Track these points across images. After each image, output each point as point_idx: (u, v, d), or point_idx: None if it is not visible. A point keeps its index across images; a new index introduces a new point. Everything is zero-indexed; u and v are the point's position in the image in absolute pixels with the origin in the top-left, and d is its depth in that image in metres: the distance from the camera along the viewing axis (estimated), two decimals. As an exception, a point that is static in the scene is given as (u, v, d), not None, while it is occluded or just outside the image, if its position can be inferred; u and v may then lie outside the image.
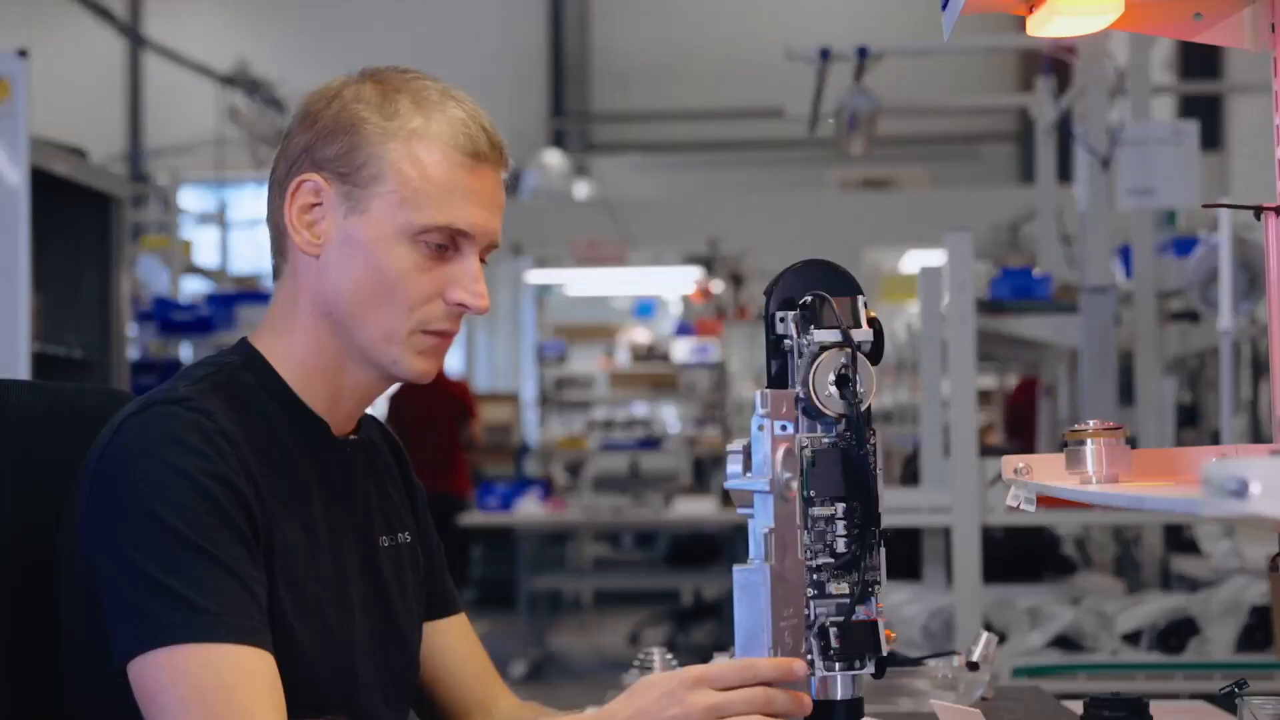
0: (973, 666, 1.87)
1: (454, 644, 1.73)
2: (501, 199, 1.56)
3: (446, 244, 1.52)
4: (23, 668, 1.51)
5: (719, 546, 8.62)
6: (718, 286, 10.67)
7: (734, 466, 1.38)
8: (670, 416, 11.30)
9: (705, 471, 10.40)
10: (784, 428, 1.37)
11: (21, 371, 3.97)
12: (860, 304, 1.44)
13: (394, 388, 1.67)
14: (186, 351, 7.07)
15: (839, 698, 1.38)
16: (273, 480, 1.48)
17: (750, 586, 1.36)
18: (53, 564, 1.48)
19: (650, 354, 10.80)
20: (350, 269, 1.51)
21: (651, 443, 10.36)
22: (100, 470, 1.43)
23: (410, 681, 1.65)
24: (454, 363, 12.54)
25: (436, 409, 8.56)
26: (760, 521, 1.37)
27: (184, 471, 1.40)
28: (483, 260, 1.56)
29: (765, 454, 1.37)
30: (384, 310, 1.51)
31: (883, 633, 1.40)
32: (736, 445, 1.38)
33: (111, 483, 1.42)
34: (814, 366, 1.40)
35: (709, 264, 10.62)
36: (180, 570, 1.37)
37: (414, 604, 1.65)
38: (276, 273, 1.58)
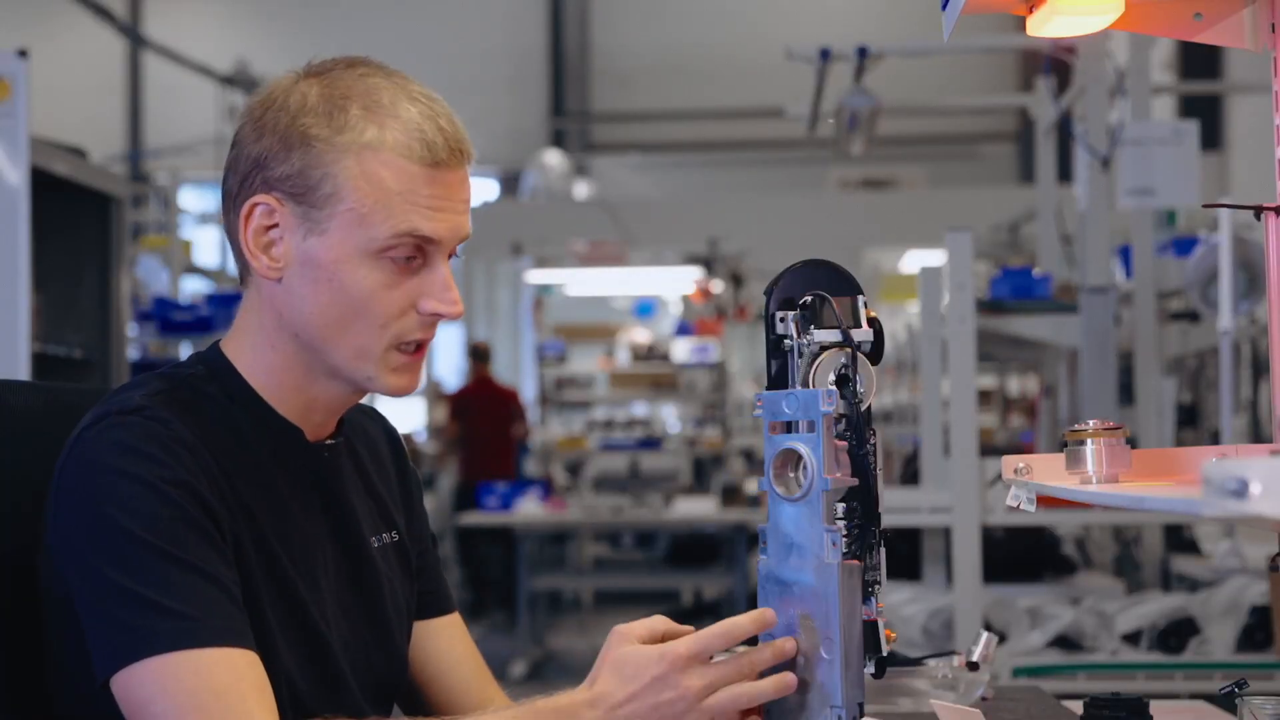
0: (973, 666, 1.87)
1: (448, 645, 1.72)
2: (466, 194, 1.50)
3: (413, 255, 1.47)
4: (20, 676, 1.50)
5: (719, 546, 8.62)
6: (718, 286, 10.67)
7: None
8: (670, 416, 11.31)
9: (705, 471, 10.41)
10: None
11: (21, 371, 3.96)
12: (860, 304, 1.43)
13: (456, 390, 1.65)
14: (187, 352, 7.07)
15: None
16: (240, 487, 1.46)
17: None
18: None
19: (650, 354, 10.80)
20: (315, 292, 1.47)
21: (651, 443, 10.36)
22: (61, 485, 1.42)
23: (396, 681, 1.64)
24: (455, 362, 12.55)
25: (494, 410, 9.64)
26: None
27: (144, 480, 1.38)
28: (453, 254, 1.51)
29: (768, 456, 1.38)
30: (354, 329, 1.47)
31: (883, 633, 1.40)
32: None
33: (74, 498, 1.40)
34: (814, 366, 1.40)
35: (709, 264, 10.62)
36: (154, 579, 1.35)
37: (402, 602, 1.64)
38: (242, 278, 1.54)
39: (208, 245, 10.29)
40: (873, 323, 1.43)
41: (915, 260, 10.26)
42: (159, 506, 1.38)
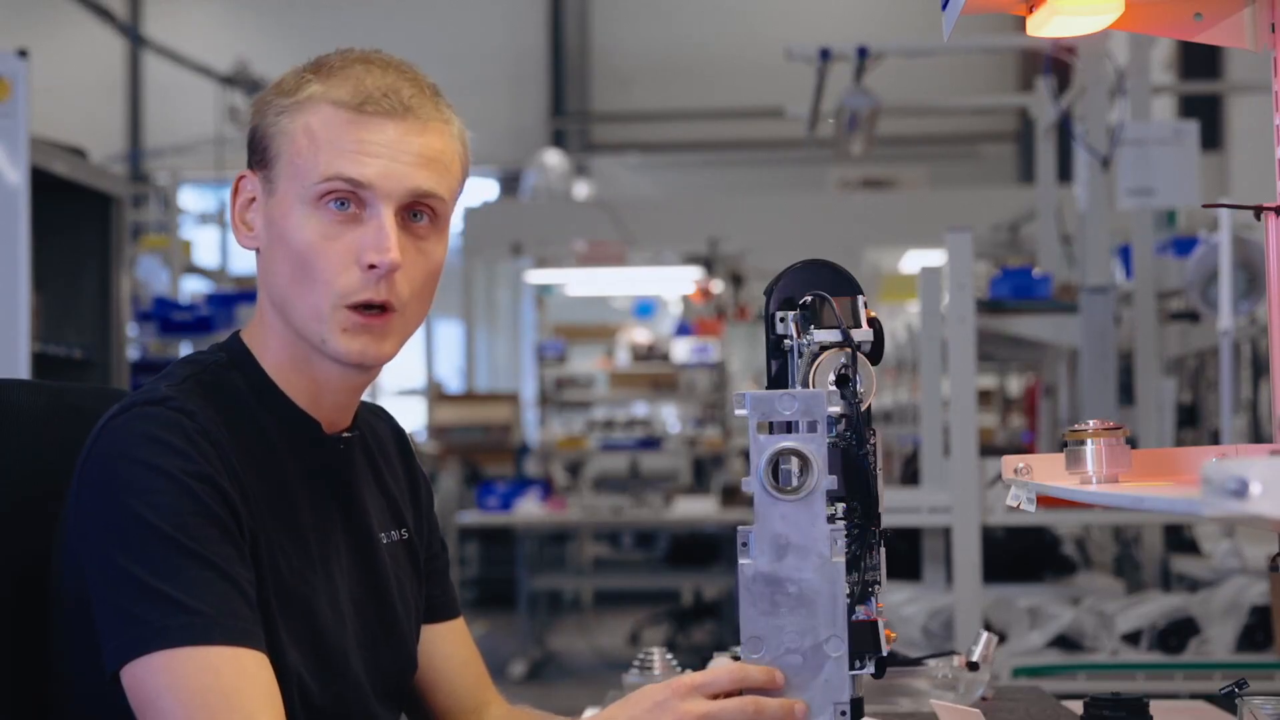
0: (973, 666, 1.87)
1: (451, 650, 1.72)
2: (416, 148, 1.48)
3: (348, 200, 1.46)
4: (23, 674, 1.50)
5: (719, 546, 8.62)
6: (718, 286, 10.66)
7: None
8: (670, 416, 11.29)
9: (705, 471, 10.40)
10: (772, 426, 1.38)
11: (21, 371, 3.96)
12: (860, 304, 1.43)
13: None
14: (187, 352, 7.05)
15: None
16: (258, 480, 1.46)
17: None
18: (49, 567, 1.48)
19: (650, 354, 10.79)
20: (276, 253, 1.49)
21: (651, 443, 10.35)
22: (85, 475, 1.42)
23: (405, 679, 1.64)
24: (455, 362, 12.55)
25: None
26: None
27: (168, 473, 1.38)
28: (416, 214, 1.49)
29: (753, 455, 1.37)
30: (306, 288, 1.47)
31: (883, 633, 1.40)
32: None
33: (96, 487, 1.40)
34: (814, 366, 1.40)
35: (709, 264, 10.61)
36: (171, 573, 1.35)
37: (411, 600, 1.64)
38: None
39: (208, 245, 10.29)
40: (873, 323, 1.43)
41: (915, 260, 10.26)
42: (180, 500, 1.38)
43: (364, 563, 1.58)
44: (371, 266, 1.46)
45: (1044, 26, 1.55)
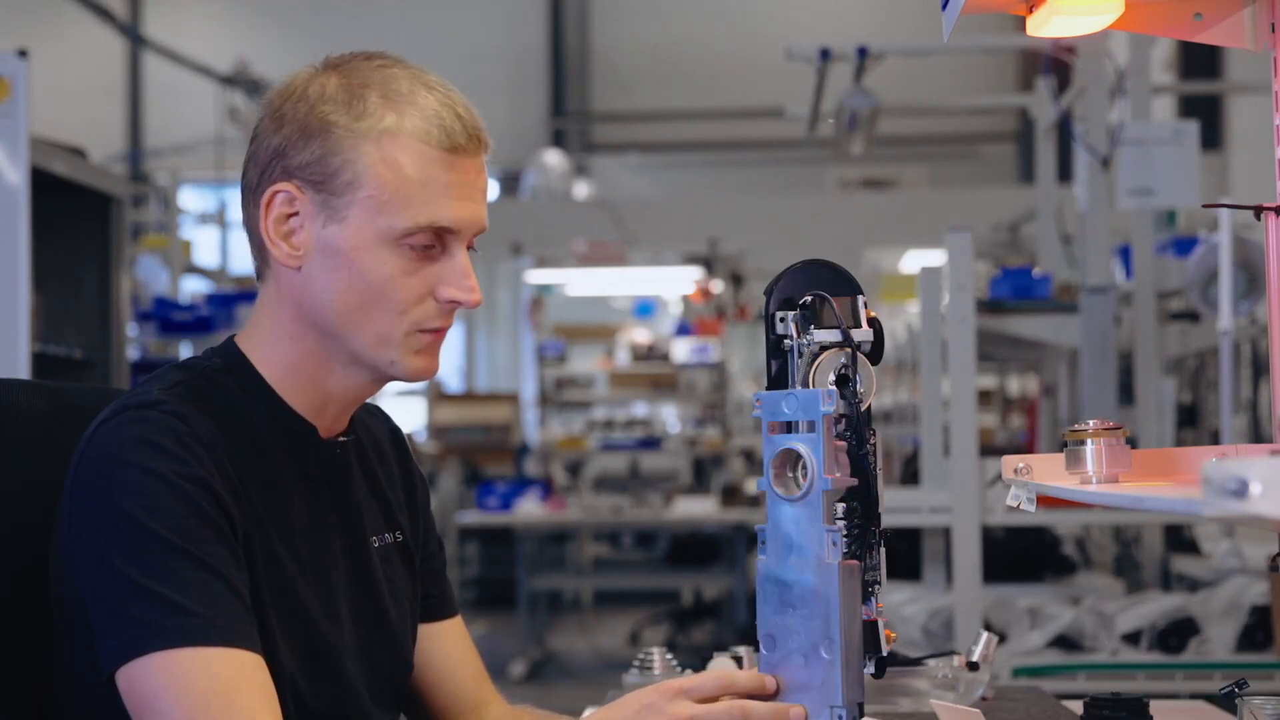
0: (973, 666, 1.87)
1: (449, 648, 1.72)
2: (484, 184, 1.52)
3: (432, 243, 1.48)
4: (22, 674, 1.50)
5: (719, 546, 8.62)
6: (718, 286, 10.66)
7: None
8: (670, 416, 11.29)
9: (705, 471, 10.40)
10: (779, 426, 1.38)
11: (21, 371, 3.96)
12: (860, 304, 1.43)
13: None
14: (187, 352, 7.06)
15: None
16: (253, 485, 1.46)
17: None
18: (46, 568, 1.48)
19: (650, 354, 10.79)
20: (334, 279, 1.47)
21: (651, 443, 10.35)
22: (78, 478, 1.42)
23: (401, 681, 1.64)
24: (455, 362, 12.56)
25: None
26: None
27: (161, 475, 1.38)
28: (471, 247, 1.52)
29: (764, 456, 1.38)
30: (374, 316, 1.48)
31: (883, 633, 1.40)
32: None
33: (90, 490, 1.40)
34: (814, 366, 1.40)
35: (709, 264, 10.61)
36: (166, 575, 1.35)
37: (406, 603, 1.64)
38: (259, 275, 1.54)
39: (208, 245, 10.28)
40: (873, 323, 1.43)
41: (915, 260, 10.26)
42: (174, 502, 1.38)
43: (359, 566, 1.57)
44: (453, 302, 1.49)
45: (1044, 26, 1.54)
